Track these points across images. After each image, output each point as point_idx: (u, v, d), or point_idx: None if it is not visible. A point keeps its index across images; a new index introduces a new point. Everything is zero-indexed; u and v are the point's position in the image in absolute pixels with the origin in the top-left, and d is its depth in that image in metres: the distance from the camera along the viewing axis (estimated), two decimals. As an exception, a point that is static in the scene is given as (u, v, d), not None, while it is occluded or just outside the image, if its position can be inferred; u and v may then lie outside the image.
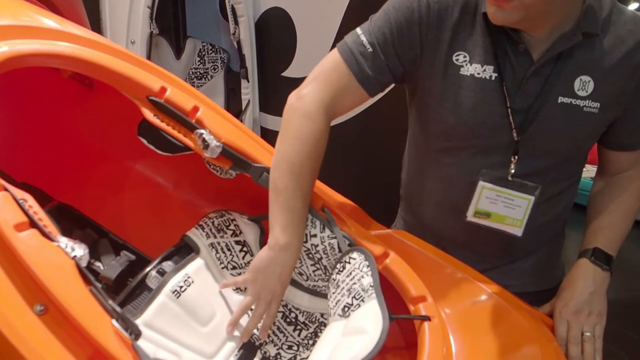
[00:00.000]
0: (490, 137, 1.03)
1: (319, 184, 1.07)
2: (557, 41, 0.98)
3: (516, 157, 1.02)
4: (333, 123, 1.05)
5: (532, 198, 1.03)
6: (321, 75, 1.03)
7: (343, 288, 0.94)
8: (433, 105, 1.06)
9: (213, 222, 1.09)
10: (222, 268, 1.07)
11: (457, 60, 1.01)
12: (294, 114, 1.01)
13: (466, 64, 1.00)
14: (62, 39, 0.99)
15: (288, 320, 1.07)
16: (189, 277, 0.99)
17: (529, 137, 1.02)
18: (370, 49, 1.01)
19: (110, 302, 0.66)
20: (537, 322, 0.96)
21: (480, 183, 1.04)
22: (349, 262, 0.96)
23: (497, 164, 1.04)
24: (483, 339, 0.93)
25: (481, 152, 1.05)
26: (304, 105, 1.00)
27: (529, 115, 1.00)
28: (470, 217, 1.07)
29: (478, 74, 1.00)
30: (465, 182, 1.07)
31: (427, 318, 0.89)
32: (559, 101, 1.00)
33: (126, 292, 0.94)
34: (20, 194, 0.73)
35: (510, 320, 0.95)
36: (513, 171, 1.03)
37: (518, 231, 1.06)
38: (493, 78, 1.00)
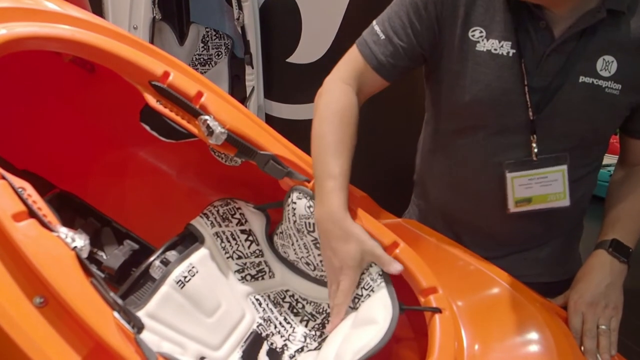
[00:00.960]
0: (505, 116, 1.01)
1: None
2: (581, 18, 0.95)
3: (534, 136, 1.00)
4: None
5: (565, 167, 1.01)
6: (341, 67, 1.08)
7: (352, 279, 0.91)
8: (448, 83, 1.05)
9: (218, 211, 1.07)
10: (227, 258, 1.05)
11: (472, 36, 0.99)
12: (319, 100, 1.04)
13: (482, 40, 0.98)
14: (62, 21, 0.96)
15: (295, 311, 1.05)
16: (193, 267, 0.97)
17: (545, 117, 0.99)
18: (383, 37, 1.04)
19: (112, 294, 0.64)
20: (550, 314, 0.94)
21: (508, 175, 1.02)
22: None
23: (513, 145, 1.02)
24: (495, 331, 0.90)
25: (497, 133, 1.03)
26: (327, 87, 1.05)
27: (547, 94, 0.98)
28: (512, 209, 1.04)
29: (495, 50, 0.98)
30: (480, 163, 1.06)
31: (438, 310, 0.87)
32: (580, 80, 0.97)
33: (129, 282, 0.92)
34: (19, 182, 0.71)
35: (523, 312, 0.92)
36: (536, 150, 1.00)
37: (565, 202, 1.03)
38: (511, 54, 0.98)
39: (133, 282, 0.93)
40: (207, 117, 0.96)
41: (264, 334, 1.02)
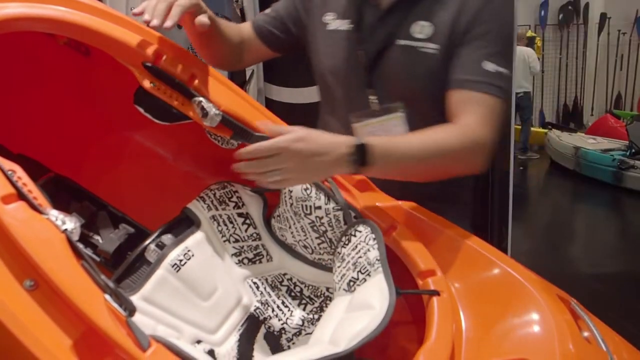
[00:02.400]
0: (349, 80, 1.16)
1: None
2: None
3: (371, 90, 1.13)
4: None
5: (400, 114, 1.12)
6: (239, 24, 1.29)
7: (348, 262, 0.91)
8: (314, 60, 1.23)
9: (215, 194, 1.06)
10: (224, 241, 1.04)
11: (325, 19, 1.18)
12: None
13: (332, 21, 1.17)
14: (52, 2, 0.94)
15: (293, 294, 1.05)
16: (189, 251, 0.96)
17: (377, 76, 1.13)
18: (271, 11, 1.25)
19: (103, 277, 0.63)
20: (550, 295, 0.93)
21: (354, 126, 1.15)
22: (355, 235, 0.92)
23: (362, 105, 1.14)
24: (494, 313, 0.90)
25: (348, 97, 1.17)
26: None
27: (377, 59, 1.12)
28: None
29: (339, 28, 1.16)
30: (345, 129, 1.13)
31: (436, 293, 0.86)
32: (397, 43, 1.10)
33: (124, 266, 0.92)
34: (9, 165, 0.70)
35: (523, 294, 0.91)
36: (376, 102, 1.13)
37: None
38: (349, 29, 1.15)
39: (128, 266, 0.92)
40: (201, 98, 0.95)
41: (261, 318, 1.02)
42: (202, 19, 0.99)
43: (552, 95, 8.43)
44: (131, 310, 0.63)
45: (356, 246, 0.91)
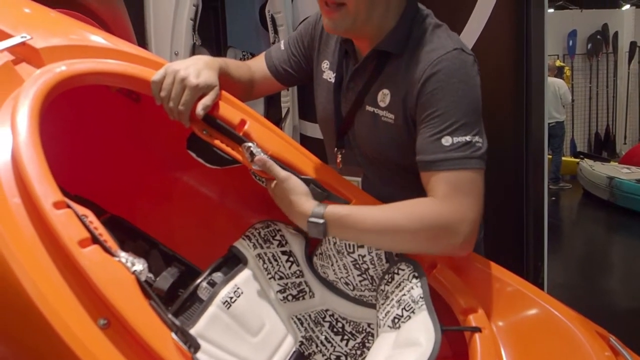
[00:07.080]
0: (329, 131, 1.23)
1: (363, 195, 1.08)
2: (367, 56, 1.10)
3: (343, 150, 1.20)
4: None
5: (358, 179, 1.18)
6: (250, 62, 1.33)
7: (392, 299, 0.94)
8: (315, 104, 1.29)
9: (259, 233, 1.10)
10: (270, 278, 1.08)
11: (323, 67, 1.22)
12: None
13: (326, 70, 1.21)
14: (113, 56, 1.02)
15: (335, 330, 1.08)
16: (238, 288, 1.00)
17: (350, 137, 1.18)
18: (283, 48, 1.29)
19: (170, 316, 0.68)
20: (589, 332, 0.94)
21: None
22: (398, 273, 0.96)
23: (336, 155, 1.22)
24: (534, 350, 0.92)
25: (331, 145, 1.23)
26: None
27: (347, 117, 1.16)
28: None
29: (329, 78, 1.20)
30: None
31: (478, 329, 0.88)
32: (367, 109, 1.12)
33: (178, 303, 0.96)
34: (82, 210, 0.76)
35: (563, 332, 0.93)
36: (340, 160, 1.21)
37: None
38: (333, 82, 1.19)
39: (182, 303, 0.96)
40: (250, 144, 1.01)
41: (306, 353, 1.05)
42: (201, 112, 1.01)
43: (583, 124, 8.35)
44: (196, 347, 0.67)
45: (400, 284, 0.94)
